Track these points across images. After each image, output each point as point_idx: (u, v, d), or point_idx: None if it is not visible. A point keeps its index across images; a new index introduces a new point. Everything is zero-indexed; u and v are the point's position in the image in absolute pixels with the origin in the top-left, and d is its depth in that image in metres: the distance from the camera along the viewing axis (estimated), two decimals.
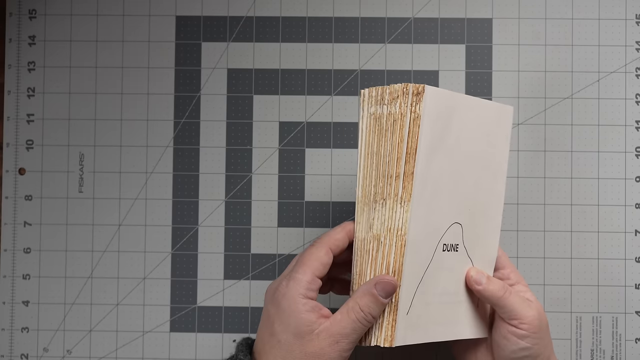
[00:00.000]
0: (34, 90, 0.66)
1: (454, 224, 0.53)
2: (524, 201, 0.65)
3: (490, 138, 0.55)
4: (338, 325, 0.49)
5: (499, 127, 0.56)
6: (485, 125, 0.54)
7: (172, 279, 0.66)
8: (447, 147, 0.52)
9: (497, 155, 0.56)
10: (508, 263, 0.57)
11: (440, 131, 0.51)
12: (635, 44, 0.66)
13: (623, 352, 0.65)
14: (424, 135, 0.50)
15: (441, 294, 0.53)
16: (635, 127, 0.66)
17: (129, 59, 0.66)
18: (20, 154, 0.66)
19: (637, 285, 0.65)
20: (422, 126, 0.50)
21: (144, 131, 0.66)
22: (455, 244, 0.54)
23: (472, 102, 0.54)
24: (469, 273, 0.55)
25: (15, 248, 0.66)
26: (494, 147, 0.55)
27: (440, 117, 0.51)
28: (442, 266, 0.53)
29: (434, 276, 0.52)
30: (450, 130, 0.52)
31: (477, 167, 0.54)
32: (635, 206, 0.65)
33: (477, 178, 0.54)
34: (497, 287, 0.54)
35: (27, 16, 0.67)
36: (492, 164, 0.55)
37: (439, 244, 0.53)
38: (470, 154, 0.54)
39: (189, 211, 0.66)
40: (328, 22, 0.66)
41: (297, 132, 0.66)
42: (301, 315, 0.49)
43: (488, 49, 0.66)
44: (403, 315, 0.51)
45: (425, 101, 0.50)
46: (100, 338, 0.65)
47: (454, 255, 0.54)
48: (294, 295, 0.50)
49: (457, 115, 0.52)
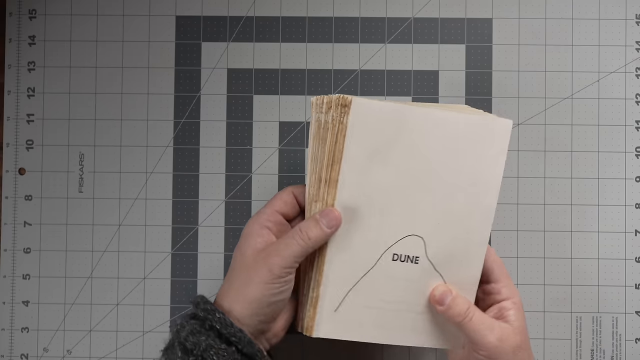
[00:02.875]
0: (34, 90, 0.66)
1: (410, 235, 0.54)
2: (524, 201, 0.65)
3: (476, 152, 0.54)
4: (275, 243, 0.54)
5: (492, 141, 0.54)
6: (466, 139, 0.54)
7: (172, 279, 0.66)
8: (393, 160, 0.53)
9: (487, 170, 0.55)
10: (503, 277, 0.56)
11: (377, 143, 0.53)
12: (635, 44, 0.66)
13: (623, 352, 0.65)
14: (351, 144, 0.52)
15: (391, 302, 0.55)
16: (635, 127, 0.66)
17: (129, 59, 0.66)
18: (20, 154, 0.66)
19: (637, 285, 0.65)
20: (349, 137, 0.52)
21: (144, 131, 0.66)
22: (415, 256, 0.54)
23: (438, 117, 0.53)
24: (433, 292, 0.55)
25: (15, 248, 0.66)
26: (481, 162, 0.54)
27: (374, 128, 0.53)
28: (394, 276, 0.54)
29: (379, 283, 0.54)
30: (395, 144, 0.53)
31: (450, 181, 0.54)
32: (635, 206, 0.65)
33: (451, 192, 0.54)
34: (457, 312, 0.54)
35: (27, 16, 0.67)
36: (479, 178, 0.54)
37: (386, 253, 0.54)
38: (437, 169, 0.54)
39: (189, 211, 0.66)
40: (328, 22, 0.66)
41: (297, 132, 0.66)
42: (252, 238, 0.54)
43: (488, 49, 0.66)
44: (330, 311, 0.54)
45: (352, 113, 0.52)
46: (100, 338, 0.65)
47: (411, 267, 0.54)
48: (253, 223, 0.55)
49: (409, 130, 0.53)
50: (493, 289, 0.56)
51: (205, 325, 0.52)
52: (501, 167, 0.55)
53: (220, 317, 0.52)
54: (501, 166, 0.55)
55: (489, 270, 0.56)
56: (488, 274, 0.56)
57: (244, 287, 0.53)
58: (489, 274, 0.56)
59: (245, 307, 0.53)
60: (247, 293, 0.53)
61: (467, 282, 0.56)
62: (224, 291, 0.54)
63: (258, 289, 0.52)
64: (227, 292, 0.54)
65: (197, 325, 0.52)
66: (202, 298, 0.54)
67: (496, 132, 0.54)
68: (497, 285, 0.56)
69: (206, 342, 0.51)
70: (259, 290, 0.52)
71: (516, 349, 0.53)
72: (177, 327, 0.53)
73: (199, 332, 0.52)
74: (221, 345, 0.52)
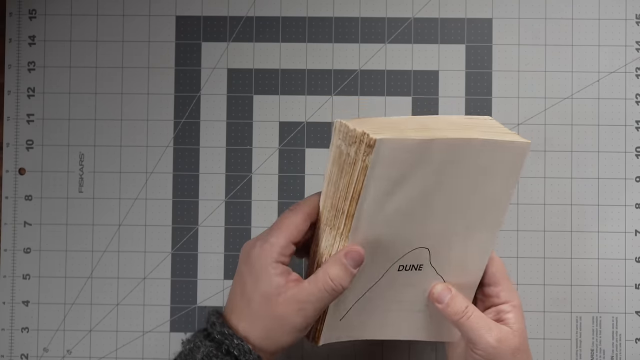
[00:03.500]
0: (34, 90, 0.66)
1: (417, 248, 0.54)
2: (524, 201, 0.65)
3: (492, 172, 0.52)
4: (305, 292, 0.51)
5: (508, 162, 0.52)
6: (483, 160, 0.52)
7: (172, 279, 0.66)
8: (409, 190, 0.51)
9: (497, 190, 0.53)
10: (503, 280, 0.56)
11: (396, 177, 0.50)
12: (635, 44, 0.66)
13: (623, 352, 0.65)
14: (371, 185, 0.49)
15: (393, 303, 0.55)
16: (635, 127, 0.66)
17: (129, 59, 0.66)
18: (20, 154, 0.66)
19: (637, 285, 0.65)
20: (369, 177, 0.49)
21: (144, 131, 0.66)
22: (419, 264, 0.54)
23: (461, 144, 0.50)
24: (432, 289, 0.55)
25: (15, 248, 0.66)
26: (495, 181, 0.53)
27: (394, 164, 0.49)
28: (398, 283, 0.54)
29: (383, 291, 0.54)
30: (414, 175, 0.50)
31: (459, 202, 0.53)
32: (635, 206, 0.65)
33: (459, 211, 0.53)
34: (455, 310, 0.54)
35: (27, 16, 0.67)
36: (491, 196, 0.53)
37: (392, 267, 0.54)
38: (452, 189, 0.52)
39: (189, 211, 0.66)
40: (328, 22, 0.66)
41: (297, 132, 0.66)
42: (271, 278, 0.51)
43: (488, 49, 0.66)
44: (335, 321, 0.54)
45: (375, 153, 0.48)
46: (100, 338, 0.65)
47: (415, 273, 0.54)
48: (267, 258, 0.51)
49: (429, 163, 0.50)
50: (492, 291, 0.56)
51: (222, 349, 0.52)
52: (513, 186, 0.54)
53: (239, 344, 0.51)
54: (513, 186, 0.53)
55: (489, 273, 0.56)
56: (488, 276, 0.56)
57: (275, 334, 0.52)
58: (489, 276, 0.56)
59: (274, 349, 0.52)
60: (281, 341, 0.52)
61: (466, 284, 0.56)
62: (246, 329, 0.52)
63: (292, 337, 0.52)
64: (249, 330, 0.52)
65: (213, 348, 0.52)
66: (218, 318, 0.53)
67: (513, 153, 0.52)
68: (497, 289, 0.56)
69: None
70: (292, 338, 0.52)
71: (515, 352, 0.53)
72: (191, 345, 0.53)
73: (215, 355, 0.51)
74: None
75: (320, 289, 0.51)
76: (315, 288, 0.51)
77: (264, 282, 0.51)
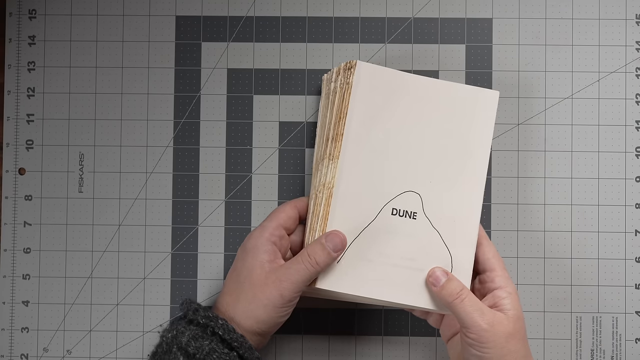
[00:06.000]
0: (34, 90, 0.66)
1: (408, 191, 0.58)
2: (524, 201, 0.65)
3: (467, 119, 0.59)
4: (285, 267, 0.55)
5: (480, 111, 0.59)
6: (457, 107, 0.59)
7: (172, 279, 0.66)
8: (392, 120, 0.59)
9: (477, 138, 0.59)
10: (498, 266, 0.57)
11: (378, 103, 0.59)
12: (635, 44, 0.66)
13: (623, 352, 0.65)
14: (355, 102, 0.58)
15: (392, 256, 0.57)
16: (635, 127, 0.66)
17: (129, 59, 0.66)
18: (20, 154, 0.66)
19: (637, 285, 0.65)
20: (353, 94, 0.59)
21: (144, 131, 0.66)
22: (412, 211, 0.58)
23: (433, 84, 0.60)
24: (432, 270, 0.57)
25: (15, 248, 0.66)
26: (471, 129, 0.59)
27: (376, 90, 0.59)
28: (394, 230, 0.58)
29: (379, 237, 0.57)
30: (394, 105, 0.59)
31: (442, 144, 0.59)
32: (635, 206, 0.65)
33: (443, 155, 0.59)
34: (449, 292, 0.55)
35: (27, 16, 0.67)
36: (469, 145, 0.59)
37: (386, 207, 0.58)
38: (430, 132, 0.59)
39: (189, 211, 0.66)
40: (328, 22, 0.66)
41: (297, 132, 0.66)
42: (258, 254, 0.56)
43: (488, 49, 0.66)
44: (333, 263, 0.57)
45: (357, 73, 0.59)
46: (100, 338, 0.65)
47: (410, 222, 0.58)
48: (258, 237, 0.57)
49: (406, 94, 0.59)
50: (488, 277, 0.57)
51: (207, 331, 0.54)
52: (489, 135, 0.59)
53: (223, 324, 0.54)
54: (489, 135, 0.59)
55: (484, 259, 0.58)
56: (483, 262, 0.58)
57: (253, 306, 0.55)
58: (484, 262, 0.58)
59: (251, 323, 0.55)
60: (257, 314, 0.55)
61: (465, 243, 0.57)
62: (229, 302, 0.56)
63: (267, 311, 0.55)
64: (233, 305, 0.56)
65: (199, 331, 0.54)
66: (199, 305, 0.56)
67: (485, 101, 0.59)
68: (492, 274, 0.57)
69: (209, 346, 0.53)
70: (268, 312, 0.55)
71: (508, 337, 0.53)
72: (174, 332, 0.55)
73: (202, 337, 0.54)
74: (224, 349, 0.53)
75: (298, 262, 0.55)
76: (294, 263, 0.55)
77: (251, 257, 0.56)
